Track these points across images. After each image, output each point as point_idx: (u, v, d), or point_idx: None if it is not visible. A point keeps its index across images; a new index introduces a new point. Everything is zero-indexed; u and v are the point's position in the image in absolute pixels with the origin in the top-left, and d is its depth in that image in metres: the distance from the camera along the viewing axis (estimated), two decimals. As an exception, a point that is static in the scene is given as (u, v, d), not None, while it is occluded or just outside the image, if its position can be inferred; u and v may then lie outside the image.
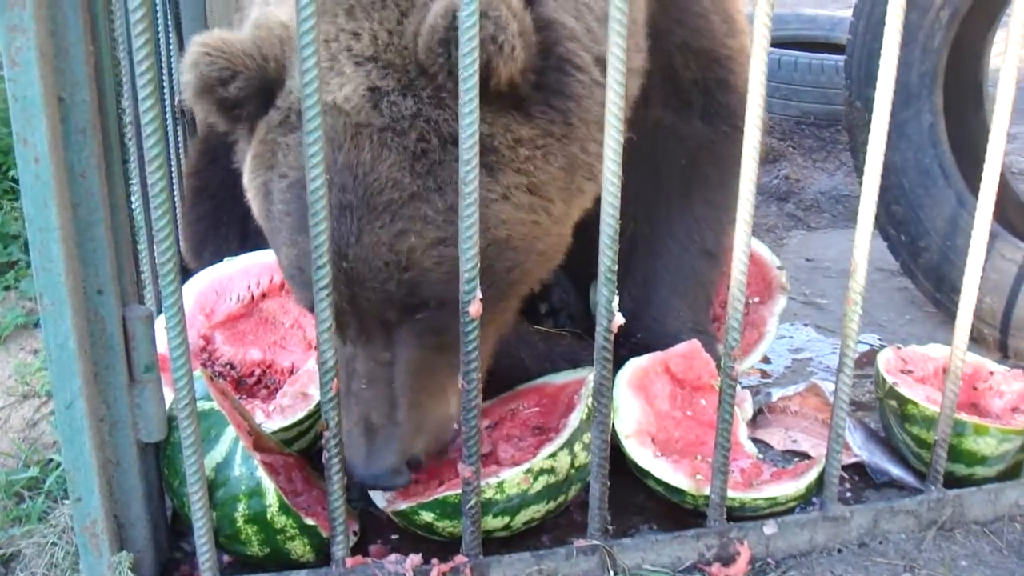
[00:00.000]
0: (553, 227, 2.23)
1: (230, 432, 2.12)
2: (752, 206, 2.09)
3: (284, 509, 2.11)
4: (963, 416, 2.42)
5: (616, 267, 2.01)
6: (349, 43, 2.06)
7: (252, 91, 2.09)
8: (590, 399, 2.30)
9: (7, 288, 4.25)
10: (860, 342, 3.23)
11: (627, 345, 2.61)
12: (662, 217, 2.85)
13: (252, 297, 2.75)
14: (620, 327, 2.09)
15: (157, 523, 2.17)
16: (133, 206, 2.12)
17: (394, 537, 2.36)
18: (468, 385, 2.03)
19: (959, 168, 3.33)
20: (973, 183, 3.31)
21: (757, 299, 3.09)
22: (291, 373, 2.65)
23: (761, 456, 2.57)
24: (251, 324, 2.74)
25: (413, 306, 2.13)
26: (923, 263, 3.38)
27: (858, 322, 2.25)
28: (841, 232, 4.15)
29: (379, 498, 2.34)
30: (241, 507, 2.09)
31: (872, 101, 3.32)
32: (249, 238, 2.84)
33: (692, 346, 2.61)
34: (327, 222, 1.87)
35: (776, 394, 2.85)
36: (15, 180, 4.68)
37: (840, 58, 4.82)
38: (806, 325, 3.46)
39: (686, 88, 2.73)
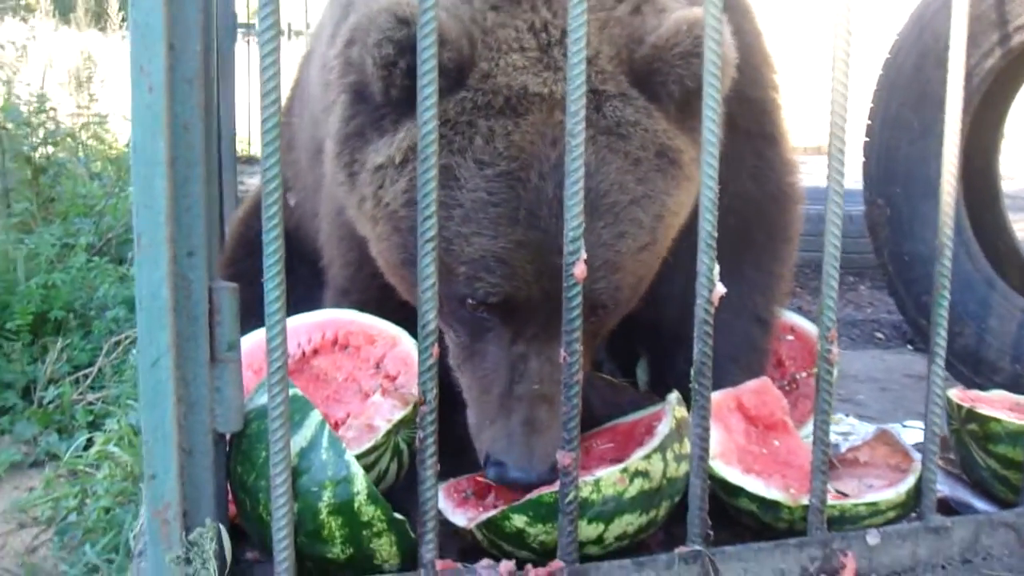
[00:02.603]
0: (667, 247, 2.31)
1: (315, 415, 2.00)
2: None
3: (373, 498, 1.96)
4: (1051, 427, 2.36)
5: (716, 234, 1.99)
6: (563, 39, 2.10)
7: (453, 65, 2.08)
8: (676, 410, 2.22)
9: (1, 432, 4.13)
10: (906, 426, 3.20)
11: None
12: None
13: (303, 354, 2.65)
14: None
15: (222, 527, 1.99)
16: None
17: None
18: (570, 358, 1.95)
19: (984, 255, 3.40)
20: (998, 266, 3.39)
21: (805, 373, 3.05)
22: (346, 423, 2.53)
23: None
24: (303, 381, 2.63)
25: (602, 306, 2.16)
26: (958, 348, 3.39)
27: (947, 308, 2.22)
28: (861, 351, 4.19)
29: (458, 516, 2.19)
30: (327, 495, 1.94)
31: (892, 196, 3.48)
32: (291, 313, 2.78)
33: (763, 383, 2.54)
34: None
35: (844, 446, 2.76)
36: (9, 330, 4.61)
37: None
38: (847, 415, 3.42)
39: (739, 140, 2.77)
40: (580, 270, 1.90)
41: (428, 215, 1.85)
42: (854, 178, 3.65)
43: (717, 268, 1.99)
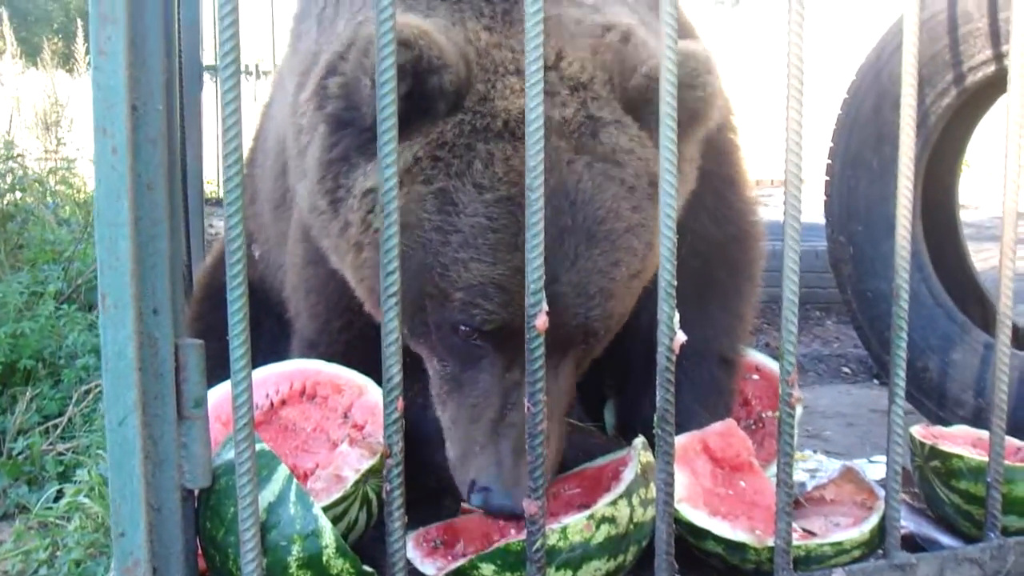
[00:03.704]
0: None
1: (283, 470, 2.01)
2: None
3: (341, 551, 1.97)
4: (1011, 462, 2.40)
5: (675, 283, 2.01)
6: (558, 63, 2.14)
7: (453, 88, 2.09)
8: (642, 456, 2.25)
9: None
10: (872, 461, 3.23)
11: None
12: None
13: (271, 405, 2.66)
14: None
15: (193, 584, 2.00)
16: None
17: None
18: (534, 408, 1.97)
19: (945, 289, 3.45)
20: (959, 301, 3.45)
21: (771, 412, 3.08)
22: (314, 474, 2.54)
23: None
24: (271, 431, 2.64)
25: (594, 334, 2.20)
26: (922, 383, 3.43)
27: (905, 351, 2.26)
28: (828, 386, 4.23)
29: (427, 566, 2.20)
30: (296, 549, 1.95)
31: (854, 234, 3.53)
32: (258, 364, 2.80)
33: (729, 425, 2.57)
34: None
35: (811, 484, 2.79)
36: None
37: (807, 245, 5.08)
38: (815, 451, 3.45)
39: (699, 182, 2.78)
40: (542, 321, 1.92)
41: (391, 271, 1.87)
42: (820, 213, 3.71)
43: (677, 316, 2.02)
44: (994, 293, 2.42)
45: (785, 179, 2.10)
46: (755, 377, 3.09)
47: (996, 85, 3.20)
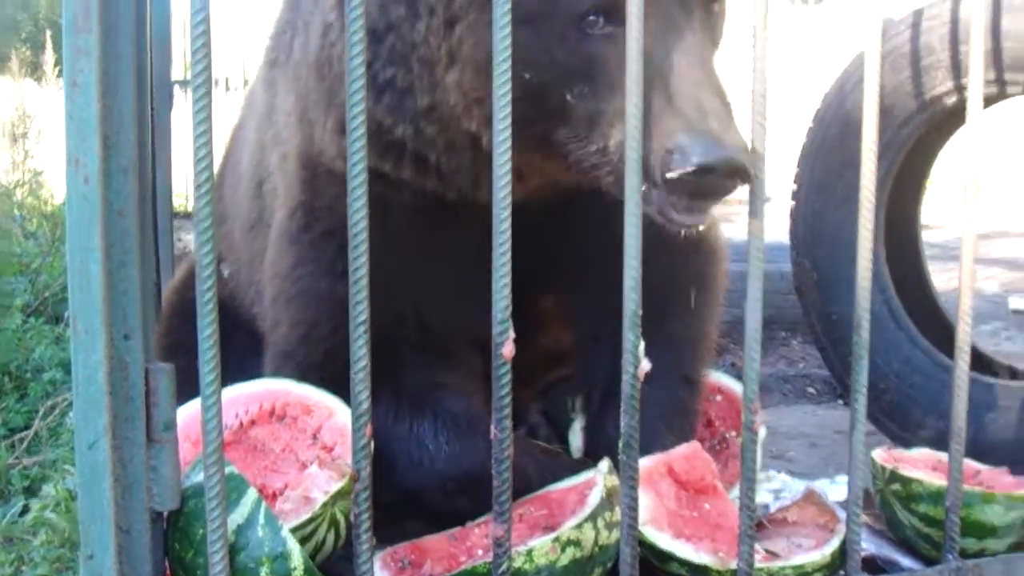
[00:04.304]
0: None
1: (251, 493, 2.03)
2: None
3: (310, 573, 2.00)
4: (969, 487, 2.45)
5: (640, 311, 2.05)
6: None
7: None
8: (607, 479, 2.28)
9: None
10: (836, 482, 3.27)
11: None
12: None
13: (241, 424, 2.67)
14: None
15: (162, 607, 2.02)
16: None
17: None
18: (501, 433, 2.00)
19: (907, 312, 3.51)
20: (921, 325, 3.51)
21: (735, 433, 3.12)
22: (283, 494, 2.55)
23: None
24: (240, 452, 2.65)
25: None
26: (885, 405, 3.48)
27: (866, 380, 2.30)
28: (793, 407, 4.29)
29: (393, 584, 2.23)
30: (264, 571, 1.97)
31: (818, 259, 3.58)
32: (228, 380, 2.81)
33: (693, 448, 2.61)
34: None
35: (775, 505, 2.84)
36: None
37: (768, 267, 5.14)
38: (779, 471, 3.49)
39: None
40: (508, 350, 1.95)
41: (359, 300, 1.90)
42: (786, 233, 3.76)
43: (643, 345, 2.05)
44: (954, 316, 2.47)
45: (750, 201, 2.13)
46: (718, 398, 3.14)
47: (957, 115, 3.26)
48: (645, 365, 2.07)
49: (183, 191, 7.79)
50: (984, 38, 3.14)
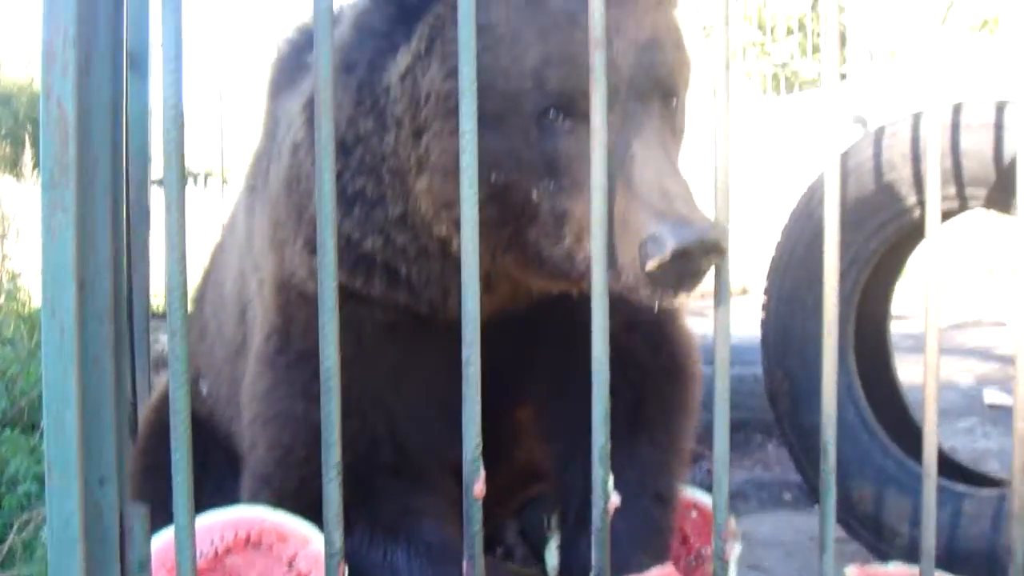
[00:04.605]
0: None
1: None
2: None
3: None
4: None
5: (609, 445, 2.08)
6: None
7: None
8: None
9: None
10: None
11: None
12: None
13: (216, 553, 2.67)
14: None
15: None
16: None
17: None
18: (472, 572, 2.01)
19: (880, 424, 3.55)
20: (892, 432, 3.54)
21: (710, 549, 3.12)
22: (259, 623, 2.54)
23: None
24: (215, 579, 2.66)
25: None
26: (860, 514, 3.50)
27: (834, 509, 2.32)
28: (769, 514, 4.28)
29: None
30: None
31: (790, 369, 3.62)
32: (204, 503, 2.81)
33: (666, 569, 2.62)
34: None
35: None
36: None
37: (742, 370, 5.16)
38: (756, 585, 3.51)
39: (636, 309, 2.82)
40: (479, 489, 1.97)
41: (332, 420, 1.92)
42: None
43: (612, 479, 2.08)
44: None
45: (715, 316, 2.16)
46: (693, 515, 3.15)
47: (922, 228, 3.33)
48: (615, 500, 2.10)
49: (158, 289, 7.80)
50: (946, 155, 3.25)
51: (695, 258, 2.06)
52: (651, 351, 2.92)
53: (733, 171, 2.12)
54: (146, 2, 4.07)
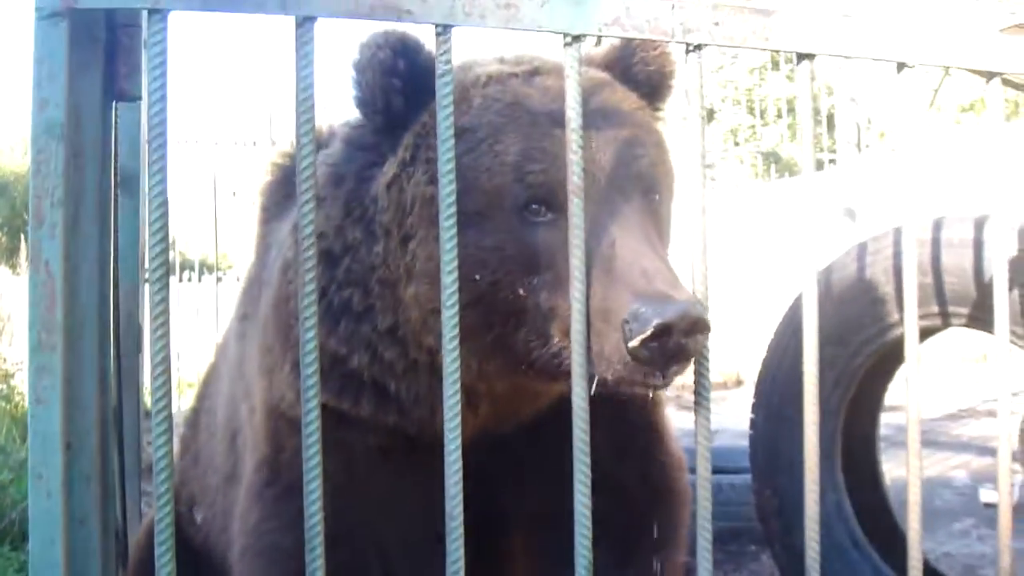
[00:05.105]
0: None
1: None
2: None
3: None
4: None
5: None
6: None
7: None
8: None
9: None
10: None
11: None
12: None
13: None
14: None
15: None
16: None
17: None
18: None
19: (870, 541, 3.54)
20: (881, 548, 3.53)
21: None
22: None
23: None
24: None
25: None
26: (852, 636, 3.49)
27: None
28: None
29: None
30: None
31: (779, 487, 3.63)
32: None
33: None
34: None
35: None
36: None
37: (736, 477, 5.16)
38: None
39: (626, 434, 2.82)
40: None
41: (315, 533, 1.93)
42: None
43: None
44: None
45: (696, 434, 2.16)
46: (687, 640, 3.12)
47: (905, 346, 3.36)
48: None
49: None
50: (927, 272, 3.29)
51: (679, 334, 2.03)
52: (640, 479, 2.91)
53: (711, 250, 2.17)
54: (139, 124, 4.16)
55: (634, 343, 2.03)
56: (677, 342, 2.04)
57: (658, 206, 2.41)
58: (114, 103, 2.09)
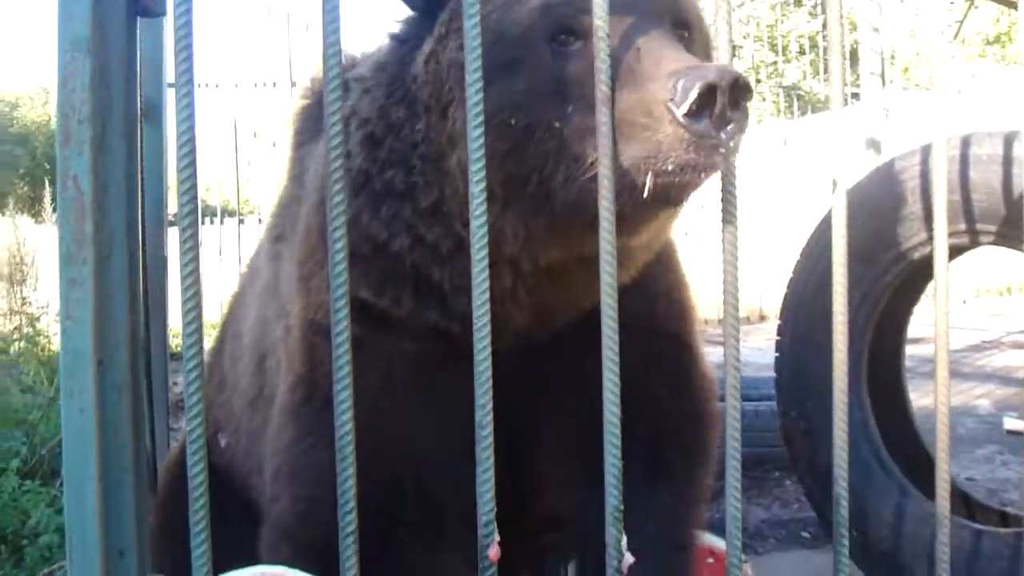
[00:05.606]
0: None
1: None
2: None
3: None
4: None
5: (622, 506, 2.08)
6: None
7: None
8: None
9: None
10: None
11: None
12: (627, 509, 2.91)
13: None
14: None
15: None
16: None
17: None
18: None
19: (895, 460, 3.55)
20: (909, 472, 3.53)
21: (727, 595, 3.11)
22: None
23: None
24: (235, 638, 2.66)
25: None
26: (876, 554, 3.50)
27: (847, 553, 2.32)
28: (787, 553, 4.27)
29: None
30: None
31: (805, 409, 3.62)
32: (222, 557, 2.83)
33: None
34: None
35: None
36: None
37: (760, 404, 5.17)
38: (774, 629, 3.50)
39: (659, 343, 2.79)
40: (494, 552, 1.98)
41: (345, 419, 1.94)
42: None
43: (625, 539, 2.08)
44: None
45: (725, 359, 2.16)
46: (710, 561, 3.14)
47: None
48: (628, 559, 2.10)
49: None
50: (954, 190, 3.25)
51: (724, 93, 2.01)
52: (671, 393, 2.89)
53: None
54: (161, 49, 4.14)
55: (684, 109, 2.01)
56: (724, 102, 2.02)
57: (688, 44, 2.37)
58: (137, 19, 2.06)
